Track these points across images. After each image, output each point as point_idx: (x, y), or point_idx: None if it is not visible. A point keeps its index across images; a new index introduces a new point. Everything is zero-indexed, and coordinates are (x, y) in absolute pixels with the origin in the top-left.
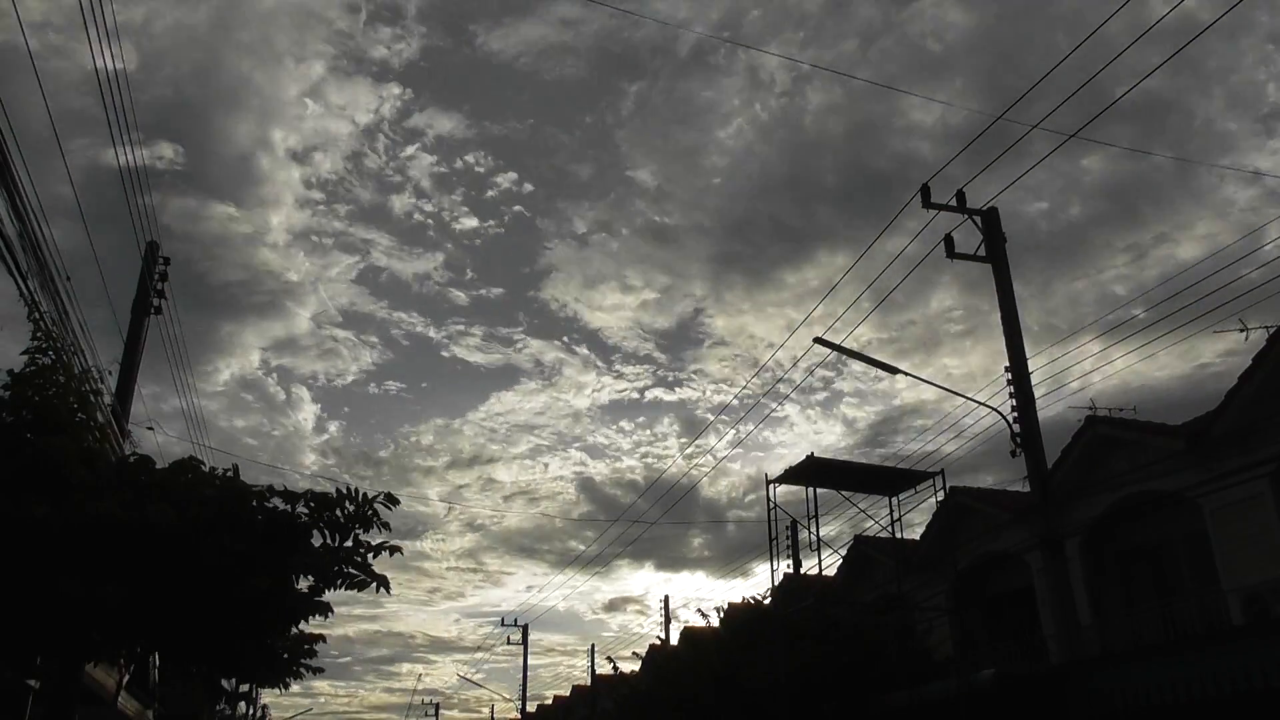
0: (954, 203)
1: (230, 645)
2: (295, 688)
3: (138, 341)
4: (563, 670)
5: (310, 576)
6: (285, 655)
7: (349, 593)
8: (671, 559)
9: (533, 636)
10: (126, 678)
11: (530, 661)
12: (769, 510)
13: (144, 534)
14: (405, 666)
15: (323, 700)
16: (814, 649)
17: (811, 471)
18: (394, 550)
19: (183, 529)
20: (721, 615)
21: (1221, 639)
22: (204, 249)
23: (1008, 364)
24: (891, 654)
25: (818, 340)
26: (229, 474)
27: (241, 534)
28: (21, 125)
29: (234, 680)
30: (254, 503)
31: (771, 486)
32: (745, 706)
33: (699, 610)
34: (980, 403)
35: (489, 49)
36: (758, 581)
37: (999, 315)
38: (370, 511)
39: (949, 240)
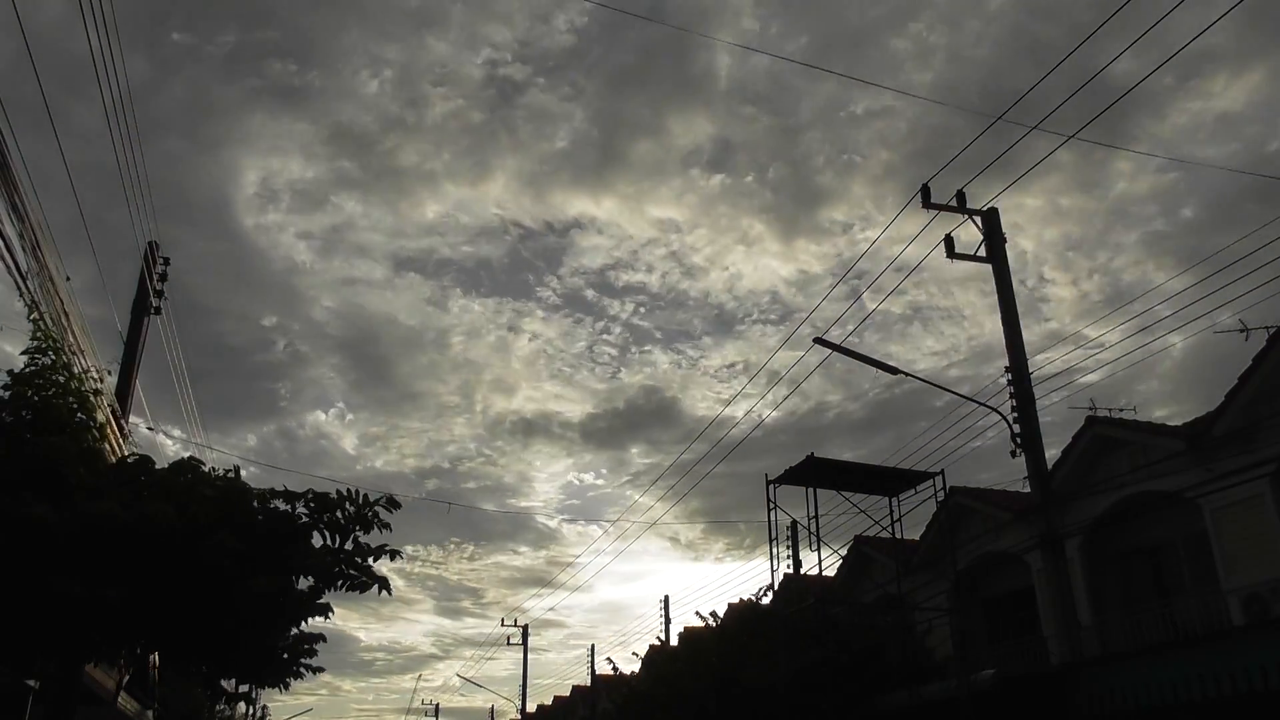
0: (954, 203)
1: (230, 645)
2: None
3: (138, 341)
4: None
5: (310, 577)
6: (285, 655)
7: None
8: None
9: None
10: (126, 678)
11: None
12: (769, 510)
13: (144, 534)
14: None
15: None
16: (814, 649)
17: (811, 471)
18: (394, 554)
19: (183, 529)
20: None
21: (1221, 639)
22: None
23: (1008, 364)
24: (891, 654)
25: (817, 340)
26: (230, 474)
27: (241, 534)
28: (23, 127)
29: (234, 680)
30: (254, 503)
31: (772, 487)
32: (745, 707)
33: (697, 612)
34: (980, 403)
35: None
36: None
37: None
38: (371, 514)
39: (949, 240)
